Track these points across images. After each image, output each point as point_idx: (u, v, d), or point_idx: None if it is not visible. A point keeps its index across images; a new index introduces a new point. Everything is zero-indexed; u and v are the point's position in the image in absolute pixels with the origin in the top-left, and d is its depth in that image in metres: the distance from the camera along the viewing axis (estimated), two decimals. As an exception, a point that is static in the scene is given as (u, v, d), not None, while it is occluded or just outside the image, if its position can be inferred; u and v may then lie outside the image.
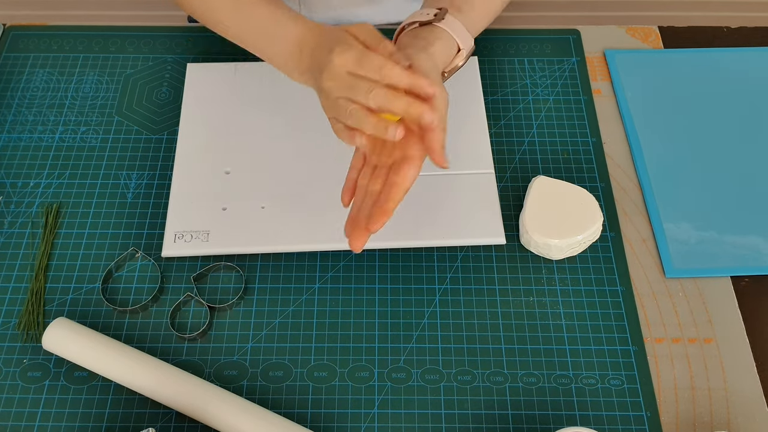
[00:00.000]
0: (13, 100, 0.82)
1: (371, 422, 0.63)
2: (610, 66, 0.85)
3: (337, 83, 0.59)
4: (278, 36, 0.67)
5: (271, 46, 0.68)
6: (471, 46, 0.69)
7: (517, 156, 0.78)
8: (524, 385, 0.65)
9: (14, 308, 0.69)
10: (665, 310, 0.69)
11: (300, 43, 0.65)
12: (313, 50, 0.63)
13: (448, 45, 0.66)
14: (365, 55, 0.57)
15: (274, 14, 0.67)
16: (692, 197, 0.75)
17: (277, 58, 0.68)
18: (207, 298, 0.69)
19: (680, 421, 0.63)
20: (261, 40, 0.69)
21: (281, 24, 0.67)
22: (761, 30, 0.90)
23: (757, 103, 0.82)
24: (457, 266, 0.71)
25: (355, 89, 0.57)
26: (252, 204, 0.73)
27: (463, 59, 0.68)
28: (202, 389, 0.62)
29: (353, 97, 0.58)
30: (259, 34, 0.69)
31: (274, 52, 0.68)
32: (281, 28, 0.66)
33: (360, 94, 0.57)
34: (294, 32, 0.65)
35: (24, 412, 0.63)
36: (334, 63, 0.59)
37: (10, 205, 0.75)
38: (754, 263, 0.71)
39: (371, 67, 0.57)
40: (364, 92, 0.57)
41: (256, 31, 0.69)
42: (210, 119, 0.79)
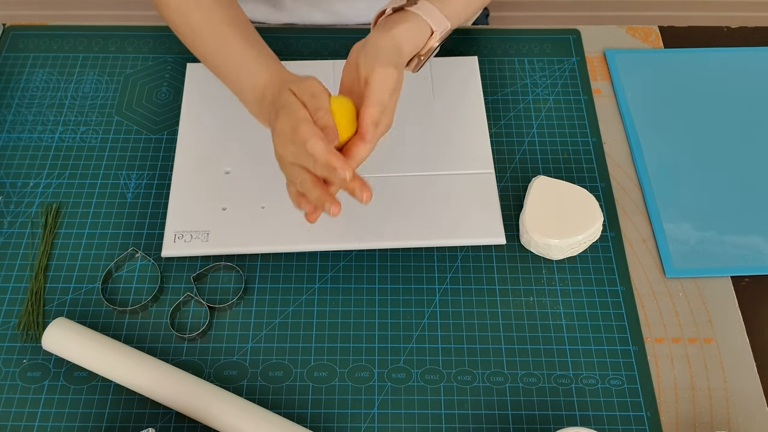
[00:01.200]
0: (13, 100, 0.82)
1: (371, 422, 0.63)
2: (610, 66, 0.85)
3: (284, 150, 0.60)
4: (246, 83, 0.68)
5: (239, 91, 0.70)
6: (446, 27, 0.69)
7: (517, 156, 0.78)
8: (524, 385, 0.65)
9: (14, 308, 0.69)
10: (665, 310, 0.69)
11: (262, 95, 0.67)
12: (270, 105, 0.65)
13: (417, 27, 0.67)
14: (297, 128, 0.59)
15: (246, 58, 0.69)
16: (692, 197, 0.75)
17: (246, 103, 0.70)
18: (207, 298, 0.69)
19: (680, 421, 0.63)
20: (232, 80, 0.70)
21: (250, 71, 0.68)
22: (761, 30, 0.90)
23: (757, 103, 0.82)
24: (457, 266, 0.71)
25: (300, 158, 0.59)
26: (252, 204, 0.73)
27: (437, 41, 0.69)
28: (202, 389, 0.62)
29: (301, 164, 0.60)
30: (231, 74, 0.70)
31: (243, 96, 0.70)
32: (250, 75, 0.68)
33: (306, 163, 0.59)
34: (260, 82, 0.67)
35: (24, 412, 0.63)
36: (276, 129, 0.61)
37: (10, 205, 0.75)
38: (754, 263, 0.71)
39: (299, 140, 0.58)
40: (309, 161, 0.59)
41: (230, 69, 0.70)
42: (210, 119, 0.79)
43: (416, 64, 0.71)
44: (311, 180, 0.60)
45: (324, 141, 0.57)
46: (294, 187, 0.62)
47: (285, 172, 0.62)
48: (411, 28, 0.67)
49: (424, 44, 0.69)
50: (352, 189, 0.59)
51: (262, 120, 0.68)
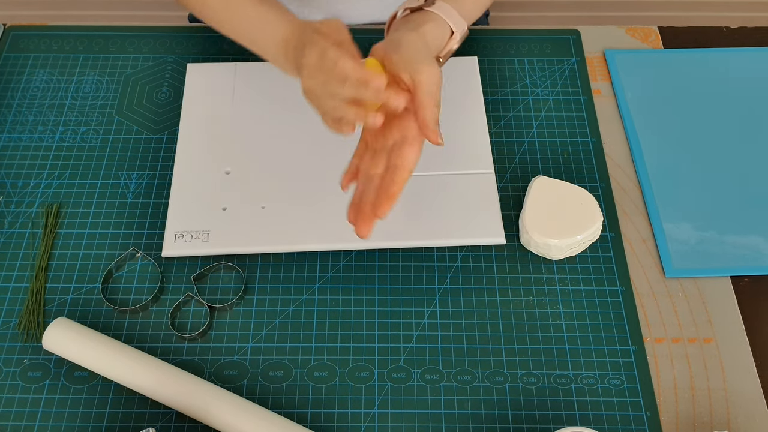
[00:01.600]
0: (13, 100, 0.82)
1: (371, 422, 0.63)
2: (610, 66, 0.85)
3: (313, 81, 0.60)
4: (267, 36, 0.68)
5: (262, 46, 0.70)
6: (464, 29, 0.69)
7: (517, 156, 0.78)
8: (524, 385, 0.65)
9: (14, 308, 0.69)
10: (665, 310, 0.69)
11: (285, 43, 0.67)
12: (294, 48, 0.65)
13: (439, 27, 0.67)
14: (325, 50, 0.59)
15: (262, 14, 0.69)
16: (692, 197, 0.75)
17: (270, 57, 0.70)
18: (207, 298, 0.69)
19: (680, 421, 0.63)
20: (252, 39, 0.71)
21: (269, 23, 0.68)
22: (761, 30, 0.90)
23: (757, 103, 0.83)
24: (457, 266, 0.71)
25: (330, 84, 0.59)
26: (252, 204, 0.73)
27: (457, 42, 0.69)
28: (202, 389, 0.62)
29: (331, 91, 0.59)
30: (250, 34, 0.70)
31: (265, 51, 0.70)
32: (269, 27, 0.68)
33: (335, 88, 0.59)
34: (280, 32, 0.67)
35: (24, 412, 0.63)
36: (305, 63, 0.61)
37: (10, 205, 0.75)
38: (754, 263, 0.71)
39: (329, 64, 0.58)
40: (338, 86, 0.58)
41: (247, 30, 0.71)
42: (210, 119, 0.79)
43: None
44: (344, 102, 0.59)
45: (353, 59, 0.57)
46: (329, 117, 0.62)
47: (316, 105, 0.62)
48: (434, 28, 0.67)
49: (444, 45, 0.69)
50: (386, 97, 0.58)
51: (289, 69, 0.68)
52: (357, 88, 0.58)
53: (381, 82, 0.57)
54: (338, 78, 0.58)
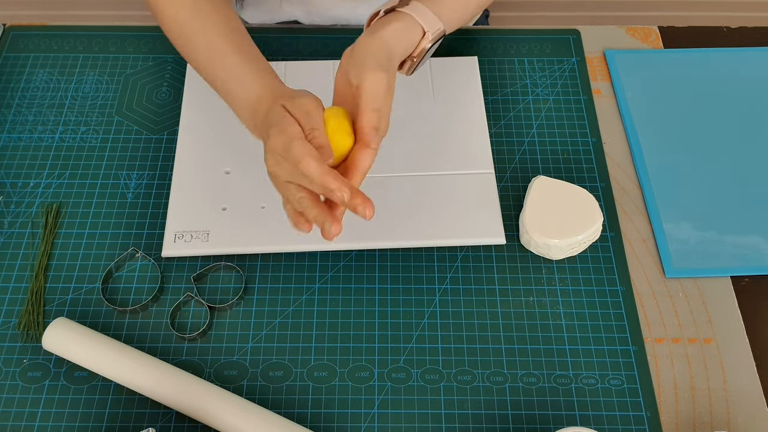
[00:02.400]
0: (13, 100, 0.82)
1: (371, 422, 0.63)
2: (610, 66, 0.85)
3: (279, 168, 0.59)
4: (239, 95, 0.66)
5: (234, 103, 0.68)
6: (439, 29, 0.68)
7: (517, 156, 0.78)
8: (524, 385, 0.65)
9: (14, 308, 0.69)
10: (665, 310, 0.69)
11: (255, 110, 0.65)
12: (263, 122, 0.63)
13: (408, 27, 0.67)
14: (289, 147, 0.57)
15: (240, 71, 0.67)
16: (692, 197, 0.75)
17: (240, 117, 0.68)
18: (207, 298, 0.69)
19: (680, 421, 0.63)
20: (226, 92, 0.69)
21: (244, 84, 0.66)
22: (761, 30, 0.90)
23: (757, 103, 0.82)
24: (457, 266, 0.71)
25: (296, 177, 0.58)
26: (252, 204, 0.73)
27: (429, 42, 0.68)
28: (202, 389, 0.62)
29: (298, 182, 0.58)
30: (225, 86, 0.68)
31: (236, 109, 0.68)
32: (244, 86, 0.66)
33: (303, 182, 0.57)
34: (253, 95, 0.65)
35: (24, 412, 0.63)
36: (269, 146, 0.59)
37: (10, 205, 0.75)
38: (754, 263, 0.71)
39: (293, 159, 0.56)
40: (306, 181, 0.57)
41: (223, 81, 0.68)
42: (210, 119, 0.79)
43: (409, 66, 0.70)
44: (309, 198, 0.58)
45: (318, 160, 0.56)
46: (290, 207, 0.60)
47: (280, 191, 0.61)
48: (401, 29, 0.66)
49: (416, 45, 0.68)
50: (354, 206, 0.57)
51: (255, 134, 0.66)
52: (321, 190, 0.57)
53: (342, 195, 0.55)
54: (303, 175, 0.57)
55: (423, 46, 0.68)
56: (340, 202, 0.57)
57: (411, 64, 0.70)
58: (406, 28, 0.67)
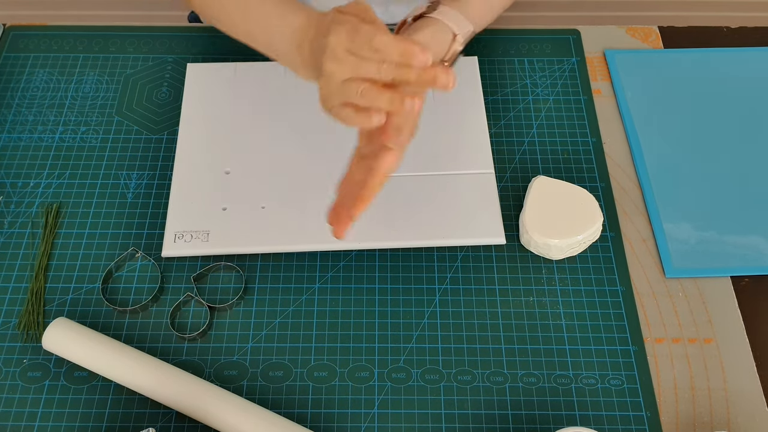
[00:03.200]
0: (13, 100, 0.82)
1: (371, 422, 0.63)
2: (610, 66, 0.85)
3: (339, 65, 0.56)
4: (281, 30, 0.65)
5: (275, 42, 0.66)
6: (469, 30, 0.68)
7: (517, 156, 0.78)
8: (524, 385, 0.65)
9: (14, 308, 0.69)
10: (665, 310, 0.69)
11: (301, 36, 0.63)
12: (312, 41, 0.61)
13: (440, 31, 0.67)
14: (356, 28, 0.54)
15: (278, 9, 0.66)
16: (692, 197, 0.75)
17: (281, 52, 0.66)
18: (207, 298, 0.69)
19: (680, 421, 0.63)
20: (266, 36, 0.67)
21: (284, 18, 0.65)
22: (761, 30, 0.90)
23: (757, 103, 0.83)
24: (457, 266, 0.71)
25: (361, 66, 0.55)
26: (252, 204, 0.73)
27: (460, 44, 0.68)
28: (202, 389, 0.62)
29: (362, 74, 0.55)
30: (264, 31, 0.67)
31: (278, 47, 0.66)
32: (284, 21, 0.65)
33: (369, 70, 0.54)
34: (296, 24, 0.63)
35: (24, 412, 0.63)
36: (330, 44, 0.56)
37: (10, 205, 0.75)
38: (754, 263, 0.71)
39: (363, 39, 0.54)
40: (373, 67, 0.54)
41: (262, 27, 0.67)
42: (210, 119, 0.79)
43: None
44: (375, 87, 0.54)
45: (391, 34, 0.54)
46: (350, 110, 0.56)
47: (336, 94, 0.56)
48: (432, 33, 0.66)
49: (447, 49, 0.68)
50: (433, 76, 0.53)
51: (302, 66, 0.63)
52: (398, 67, 0.53)
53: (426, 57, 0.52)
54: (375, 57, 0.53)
55: (455, 49, 0.68)
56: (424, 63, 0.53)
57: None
58: (437, 32, 0.67)
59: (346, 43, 0.55)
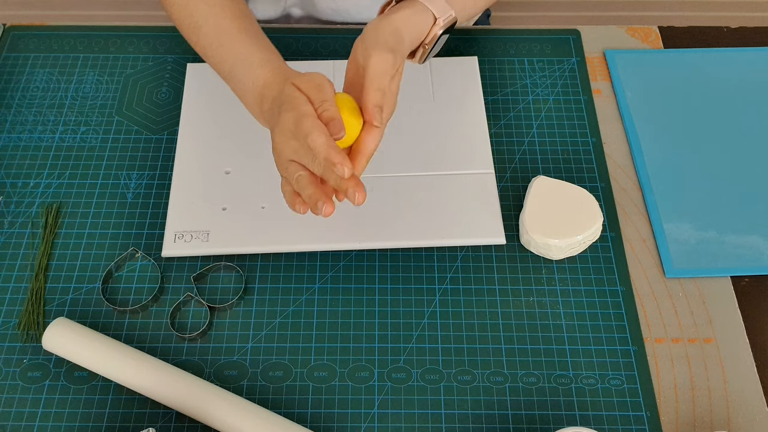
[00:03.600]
0: (13, 100, 0.82)
1: (371, 422, 0.63)
2: (610, 66, 0.85)
3: (285, 145, 0.60)
4: (247, 79, 0.67)
5: (241, 88, 0.68)
6: (449, 15, 0.69)
7: (517, 156, 0.78)
8: (524, 385, 0.65)
9: (14, 308, 0.69)
10: (665, 310, 0.69)
11: (262, 93, 0.66)
12: (272, 102, 0.64)
13: (418, 13, 0.67)
14: (300, 122, 0.58)
15: (248, 55, 0.68)
16: (692, 197, 0.75)
17: (244, 100, 0.69)
18: (207, 298, 0.69)
19: (680, 421, 0.63)
20: (233, 78, 0.69)
21: (252, 68, 0.67)
22: (761, 30, 0.90)
23: (757, 103, 0.82)
24: (457, 266, 0.71)
25: (301, 154, 0.59)
26: (252, 204, 0.73)
27: (440, 28, 0.68)
28: (202, 389, 0.62)
29: (299, 161, 0.59)
30: (233, 71, 0.69)
31: (242, 93, 0.69)
32: (251, 72, 0.67)
33: (306, 160, 0.59)
34: (260, 79, 0.66)
35: (24, 412, 0.63)
36: (279, 124, 0.60)
37: (10, 205, 0.75)
38: (754, 263, 0.71)
39: (302, 133, 0.58)
40: (309, 158, 0.58)
41: (231, 66, 0.69)
42: (210, 119, 0.79)
43: (421, 54, 0.70)
44: (307, 177, 0.59)
45: (326, 135, 0.57)
46: (289, 187, 0.61)
47: (281, 169, 0.62)
48: (411, 14, 0.66)
49: (427, 32, 0.68)
50: (346, 188, 0.58)
51: (262, 120, 0.67)
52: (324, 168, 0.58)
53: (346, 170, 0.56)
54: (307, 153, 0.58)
55: (434, 33, 0.69)
56: (337, 179, 0.58)
57: (423, 52, 0.70)
58: (416, 13, 0.67)
59: (292, 128, 0.59)
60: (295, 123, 0.58)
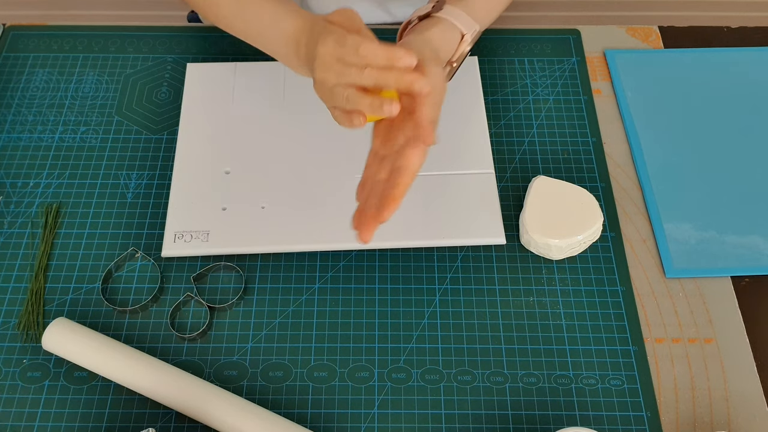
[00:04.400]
0: (13, 100, 0.82)
1: (371, 422, 0.63)
2: (610, 66, 0.85)
3: (328, 72, 0.59)
4: (278, 33, 0.67)
5: (272, 43, 0.68)
6: (475, 30, 0.68)
7: (517, 156, 0.78)
8: (524, 385, 0.65)
9: (14, 308, 0.69)
10: (665, 310, 0.69)
11: (297, 38, 0.65)
12: (307, 43, 0.63)
13: (447, 30, 0.66)
14: (343, 37, 0.57)
15: (274, 10, 0.67)
16: (692, 197, 0.75)
17: (279, 54, 0.68)
18: (207, 298, 0.69)
19: (680, 421, 0.63)
20: (262, 36, 0.69)
21: (281, 20, 0.66)
22: (761, 30, 0.90)
23: (757, 103, 0.83)
24: (457, 266, 0.71)
25: (346, 73, 0.57)
26: (252, 204, 0.73)
27: (468, 44, 0.68)
28: (202, 389, 0.62)
29: (347, 80, 0.58)
30: (261, 31, 0.69)
31: (275, 48, 0.68)
32: (281, 23, 0.66)
33: (352, 77, 0.57)
34: (292, 27, 0.65)
35: (24, 412, 0.63)
36: (319, 53, 0.59)
37: (10, 205, 0.75)
38: (754, 263, 0.71)
39: (350, 48, 0.57)
40: (355, 73, 0.57)
41: (258, 28, 0.69)
42: (210, 119, 0.79)
43: (449, 72, 0.69)
44: (358, 92, 0.57)
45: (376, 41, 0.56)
46: (339, 111, 0.59)
47: (328, 99, 0.60)
48: (441, 31, 0.66)
49: (455, 49, 0.68)
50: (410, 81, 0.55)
51: (300, 67, 0.66)
52: (380, 72, 0.56)
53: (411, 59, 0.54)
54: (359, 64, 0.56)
55: (462, 50, 0.68)
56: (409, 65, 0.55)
57: (450, 70, 0.69)
58: (446, 31, 0.66)
59: (334, 51, 0.58)
60: (338, 44, 0.57)
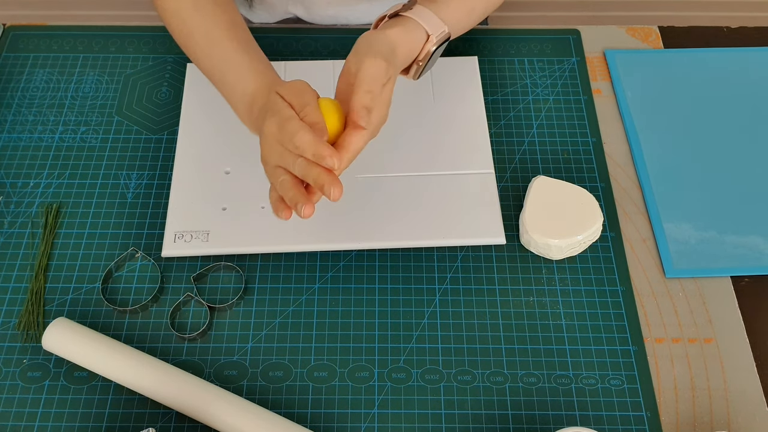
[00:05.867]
0: (13, 100, 0.82)
1: (371, 422, 0.63)
2: (610, 66, 0.85)
3: (271, 152, 0.60)
4: (238, 87, 0.68)
5: (231, 94, 0.69)
6: (443, 32, 0.69)
7: (517, 156, 0.78)
8: (524, 385, 0.65)
9: (14, 308, 0.69)
10: (665, 310, 0.69)
11: (252, 100, 0.66)
12: (258, 111, 0.65)
13: (412, 29, 0.67)
14: (284, 121, 0.59)
15: (240, 61, 0.68)
16: (692, 197, 0.75)
17: (235, 108, 0.70)
18: (207, 298, 0.69)
19: (680, 421, 0.63)
20: (223, 84, 0.70)
21: (243, 75, 0.68)
22: (761, 30, 0.90)
23: (757, 103, 0.82)
24: (457, 266, 0.71)
25: (285, 157, 0.59)
26: (252, 204, 0.73)
27: (434, 45, 0.69)
28: (202, 389, 0.62)
29: (283, 165, 0.60)
30: (223, 78, 0.70)
31: (233, 100, 0.70)
32: (241, 79, 0.68)
33: (288, 163, 0.59)
34: (251, 87, 0.67)
35: (24, 412, 0.63)
36: (264, 131, 0.61)
37: (10, 205, 0.75)
38: (754, 263, 0.71)
39: (287, 134, 0.58)
40: (291, 161, 0.59)
41: (221, 74, 0.70)
42: (210, 119, 0.79)
43: (416, 70, 0.70)
44: (290, 180, 0.60)
45: (312, 133, 0.57)
46: (275, 193, 0.62)
47: (269, 176, 0.62)
48: (405, 31, 0.67)
49: (420, 48, 0.69)
50: (322, 183, 0.57)
51: (251, 127, 0.68)
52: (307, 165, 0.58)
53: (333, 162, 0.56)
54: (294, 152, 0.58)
55: (427, 50, 0.69)
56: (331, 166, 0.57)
57: (417, 68, 0.70)
58: (410, 30, 0.67)
59: (276, 133, 0.60)
60: (279, 127, 0.59)
